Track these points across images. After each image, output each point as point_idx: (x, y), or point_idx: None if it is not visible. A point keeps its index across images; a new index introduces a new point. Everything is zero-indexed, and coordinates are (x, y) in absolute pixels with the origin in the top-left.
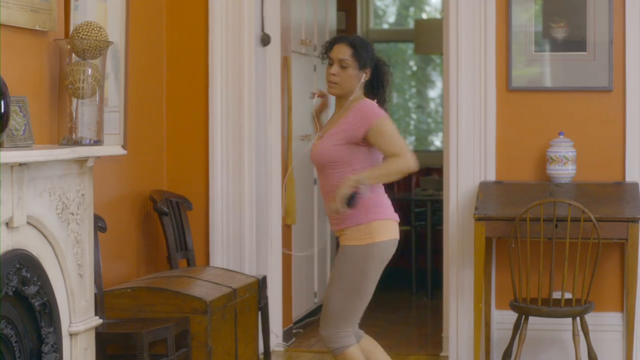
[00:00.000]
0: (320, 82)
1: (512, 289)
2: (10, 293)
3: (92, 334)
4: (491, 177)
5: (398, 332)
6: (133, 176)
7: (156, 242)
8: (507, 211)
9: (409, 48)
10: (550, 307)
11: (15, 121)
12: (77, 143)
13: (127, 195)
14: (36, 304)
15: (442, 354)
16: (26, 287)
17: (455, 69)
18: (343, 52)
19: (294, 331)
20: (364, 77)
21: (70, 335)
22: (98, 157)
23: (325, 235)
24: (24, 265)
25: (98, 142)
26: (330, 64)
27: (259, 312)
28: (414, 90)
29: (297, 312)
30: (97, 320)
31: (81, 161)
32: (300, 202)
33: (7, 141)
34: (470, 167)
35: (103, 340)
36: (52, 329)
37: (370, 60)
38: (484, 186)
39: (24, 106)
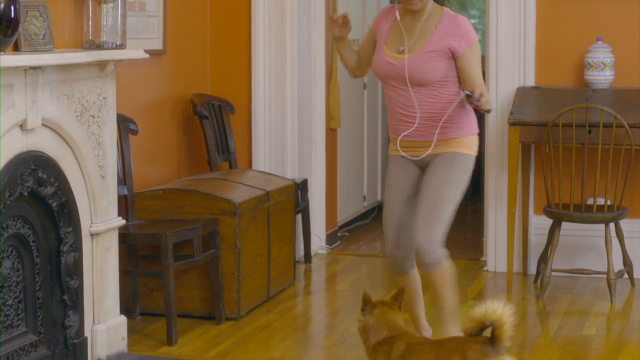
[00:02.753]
0: None
1: (546, 194)
2: (26, 193)
3: (115, 235)
4: (530, 82)
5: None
6: (174, 80)
7: (197, 146)
8: (541, 116)
9: None
10: (583, 213)
11: (35, 26)
12: (100, 47)
13: (168, 99)
14: (54, 204)
15: (482, 258)
16: (42, 188)
17: None
18: None
19: (339, 234)
20: None
21: (92, 235)
22: (120, 61)
23: (375, 139)
24: (40, 166)
25: (121, 46)
26: None
27: (299, 215)
28: None
29: (343, 216)
30: (120, 221)
31: (102, 65)
32: (348, 106)
33: (26, 45)
34: (510, 73)
35: (131, 241)
36: (70, 229)
37: None
38: (520, 91)
39: (44, 11)
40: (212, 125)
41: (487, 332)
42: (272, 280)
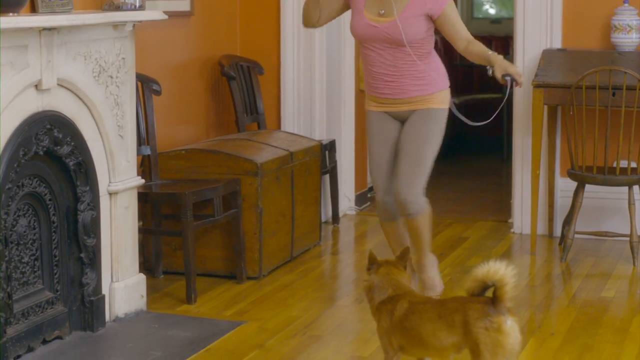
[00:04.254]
0: None
1: (569, 157)
2: (41, 153)
3: (134, 194)
4: (557, 45)
5: (476, 199)
6: (202, 41)
7: (225, 106)
8: (566, 79)
9: None
10: (606, 176)
11: None
12: (118, 8)
13: (196, 60)
14: (70, 163)
15: (510, 220)
16: (58, 147)
17: None
18: None
19: (368, 195)
20: None
21: (110, 194)
22: (139, 22)
23: None
24: (55, 126)
25: (140, 8)
26: None
27: (327, 176)
28: None
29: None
30: (139, 181)
31: (120, 26)
32: None
33: (43, 6)
34: (537, 35)
35: (152, 200)
36: (87, 188)
37: None
38: (546, 53)
39: None
40: (239, 86)
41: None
42: (296, 240)
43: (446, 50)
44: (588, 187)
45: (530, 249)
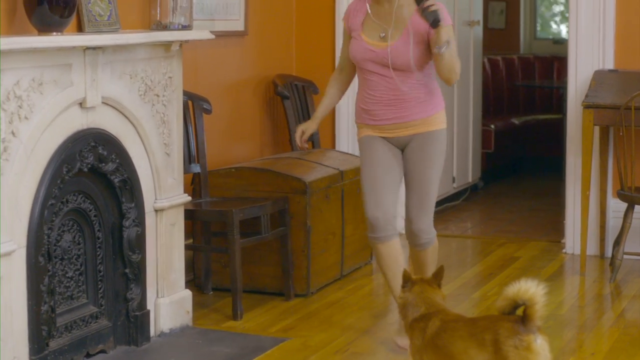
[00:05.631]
0: None
1: (619, 177)
2: (86, 169)
3: (180, 211)
4: (609, 65)
5: (532, 219)
6: (257, 60)
7: (279, 125)
8: (616, 99)
9: None
10: None
11: (99, 7)
12: (166, 28)
13: (251, 79)
14: (116, 180)
15: (562, 240)
16: (103, 164)
17: None
18: None
19: None
20: None
21: (156, 211)
22: (186, 42)
23: (466, 121)
24: (100, 143)
25: (187, 27)
26: None
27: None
28: None
29: None
30: (185, 198)
31: (167, 45)
32: None
33: (89, 26)
34: (589, 56)
35: (199, 217)
36: (133, 205)
37: None
38: (597, 74)
39: None
40: (294, 105)
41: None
42: (346, 259)
43: (507, 71)
44: (638, 207)
45: (579, 269)
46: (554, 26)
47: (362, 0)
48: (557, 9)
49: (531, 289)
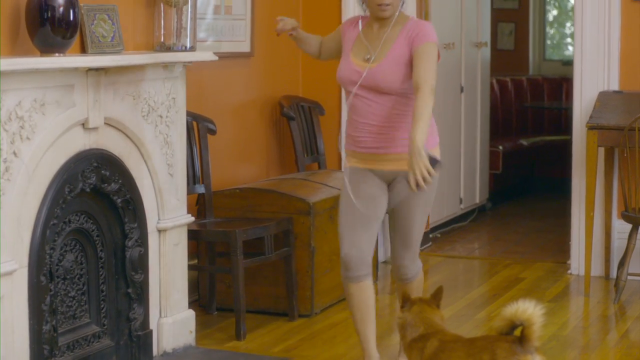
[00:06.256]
0: None
1: (623, 198)
2: (88, 190)
3: (183, 231)
4: (614, 87)
5: (539, 240)
6: (263, 82)
7: (286, 146)
8: (620, 121)
9: None
10: None
11: (103, 28)
12: (169, 49)
13: (257, 100)
14: (118, 200)
15: (568, 261)
16: (106, 185)
17: None
18: None
19: (430, 236)
20: None
21: (159, 231)
22: (189, 63)
23: (474, 143)
24: (102, 163)
25: (191, 49)
26: None
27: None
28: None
29: (436, 217)
30: (188, 218)
31: (170, 66)
32: (443, 109)
33: (92, 47)
34: (594, 77)
35: (203, 237)
36: (135, 225)
37: None
38: (602, 96)
39: (113, 14)
40: (300, 126)
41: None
42: None
43: (516, 92)
44: None
45: (584, 290)
46: (570, 47)
47: (357, 19)
48: (570, 29)
49: (529, 310)
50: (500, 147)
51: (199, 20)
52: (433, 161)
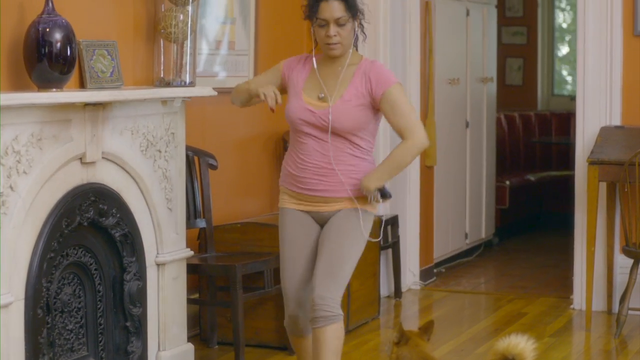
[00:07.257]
0: (472, 28)
1: (624, 233)
2: (86, 223)
3: (182, 265)
4: (616, 122)
5: (543, 275)
6: (266, 116)
7: None
8: (621, 156)
9: None
10: None
11: (102, 64)
12: (169, 84)
13: (260, 135)
14: (116, 234)
15: (571, 296)
16: (104, 219)
17: (583, 16)
18: (337, 9)
19: (434, 270)
20: (356, 26)
21: (158, 265)
22: (188, 98)
23: (480, 178)
24: (100, 198)
25: (190, 84)
26: (323, 25)
27: (388, 250)
28: None
29: (440, 252)
30: (187, 252)
31: (169, 101)
32: (449, 143)
33: (91, 82)
34: (596, 112)
35: (203, 272)
36: (134, 259)
37: (356, 7)
38: (604, 131)
39: (112, 50)
40: None
41: None
42: (352, 313)
43: (524, 127)
44: None
45: (585, 325)
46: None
47: (309, 57)
48: None
49: (520, 344)
50: (508, 182)
51: (204, 56)
52: (385, 193)
